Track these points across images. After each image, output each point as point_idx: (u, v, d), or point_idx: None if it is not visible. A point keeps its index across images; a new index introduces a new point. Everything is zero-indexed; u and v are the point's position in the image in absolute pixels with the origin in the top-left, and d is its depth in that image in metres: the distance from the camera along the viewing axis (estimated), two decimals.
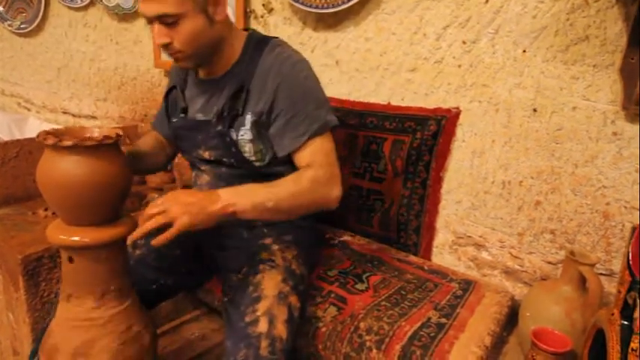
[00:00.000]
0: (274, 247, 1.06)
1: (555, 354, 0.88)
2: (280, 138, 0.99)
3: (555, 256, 1.18)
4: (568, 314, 0.97)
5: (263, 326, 0.88)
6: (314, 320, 1.05)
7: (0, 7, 2.52)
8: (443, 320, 1.04)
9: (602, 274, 1.10)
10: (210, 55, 1.00)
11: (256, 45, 1.02)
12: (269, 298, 0.93)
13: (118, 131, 0.85)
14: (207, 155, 1.07)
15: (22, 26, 2.49)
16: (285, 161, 1.02)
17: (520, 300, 1.16)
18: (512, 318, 1.13)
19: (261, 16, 1.69)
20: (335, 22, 1.50)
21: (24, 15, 2.48)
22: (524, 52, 1.15)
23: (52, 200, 0.81)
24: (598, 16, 1.04)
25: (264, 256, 1.04)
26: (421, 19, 1.31)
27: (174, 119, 1.13)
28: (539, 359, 0.89)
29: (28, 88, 2.73)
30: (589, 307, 0.95)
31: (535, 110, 1.16)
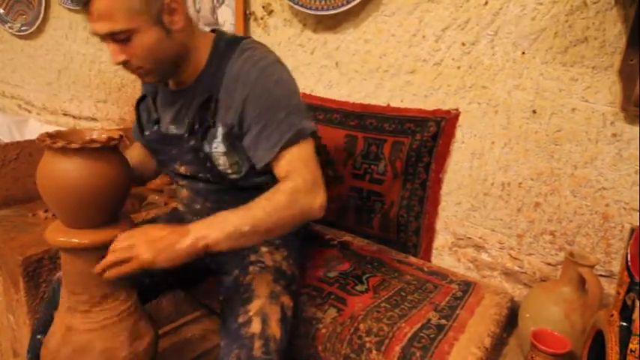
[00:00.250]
0: (263, 250, 1.06)
1: (555, 355, 0.88)
2: (254, 150, 0.93)
3: (555, 258, 1.18)
4: (567, 315, 0.97)
5: (256, 327, 0.88)
6: (314, 322, 1.05)
7: (0, 10, 2.52)
8: (443, 321, 1.04)
9: (601, 275, 1.10)
10: (175, 66, 0.94)
11: (224, 49, 0.95)
12: (261, 298, 0.92)
13: (118, 133, 0.85)
14: (183, 170, 1.03)
15: (22, 28, 2.49)
16: (264, 171, 0.97)
17: (520, 301, 1.17)
18: (511, 319, 1.13)
19: (261, 18, 1.70)
20: (335, 23, 1.50)
21: (24, 17, 2.48)
22: (523, 53, 1.16)
23: (52, 202, 0.81)
24: (597, 18, 1.04)
25: (252, 259, 1.03)
26: (420, 21, 1.31)
27: (147, 132, 1.08)
28: None
29: (28, 90, 2.73)
30: (588, 308, 0.95)
31: (534, 112, 1.16)
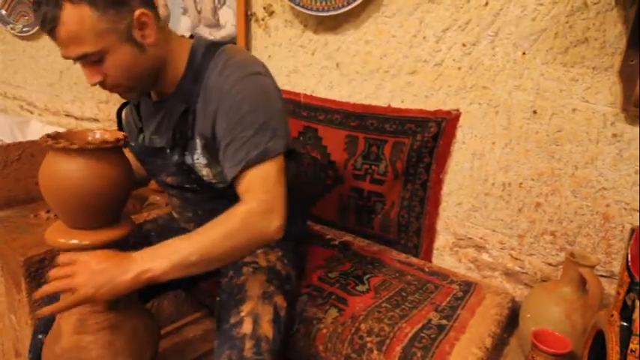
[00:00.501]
0: (257, 250, 1.05)
1: (555, 355, 0.88)
2: (223, 165, 0.91)
3: (555, 258, 1.19)
4: (568, 316, 0.97)
5: (247, 327, 0.87)
6: (315, 322, 1.05)
7: (2, 11, 2.53)
8: (443, 322, 1.04)
9: (602, 275, 1.10)
10: (154, 79, 0.92)
11: (202, 57, 0.92)
12: (253, 298, 0.92)
13: (120, 134, 0.85)
14: (170, 181, 1.03)
15: (24, 29, 2.50)
16: None
17: (520, 301, 1.17)
18: (512, 319, 1.14)
19: (262, 19, 1.70)
20: (335, 24, 1.50)
21: (26, 18, 2.49)
22: (523, 54, 1.16)
23: (54, 202, 0.81)
24: (597, 19, 1.04)
25: (247, 259, 1.03)
26: (421, 21, 1.31)
27: (132, 143, 1.07)
28: None
29: (30, 91, 2.74)
30: (589, 308, 0.95)
31: (535, 112, 1.16)
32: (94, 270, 0.76)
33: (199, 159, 0.95)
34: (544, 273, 1.21)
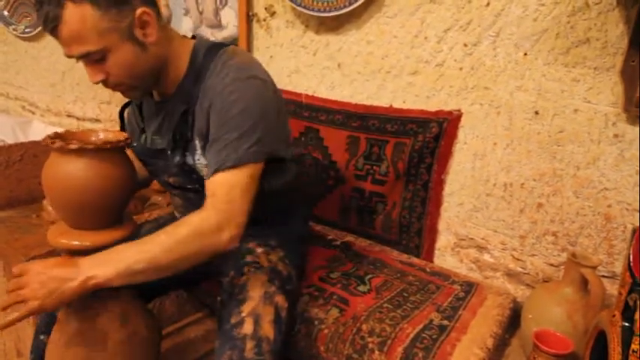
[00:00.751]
0: (259, 250, 1.06)
1: (557, 356, 0.88)
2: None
3: (557, 259, 1.18)
4: (570, 316, 0.97)
5: (248, 327, 0.87)
6: (316, 322, 1.05)
7: (5, 12, 2.53)
8: (445, 322, 1.04)
9: (604, 276, 1.10)
10: (156, 78, 0.93)
11: (203, 59, 0.93)
12: (254, 298, 0.92)
13: (122, 135, 0.86)
14: (172, 181, 1.04)
15: (26, 30, 2.51)
16: None
17: (522, 302, 1.17)
18: (514, 320, 1.13)
19: (264, 20, 1.70)
20: (337, 25, 1.51)
21: (28, 19, 2.49)
22: (525, 54, 1.16)
23: (57, 203, 0.81)
24: (599, 19, 1.04)
25: (248, 259, 1.03)
26: (422, 22, 1.32)
27: (134, 143, 1.08)
28: None
29: (32, 91, 2.74)
30: (591, 309, 0.95)
31: (536, 113, 1.16)
32: (41, 280, 0.75)
33: (200, 159, 0.95)
34: (546, 273, 1.21)
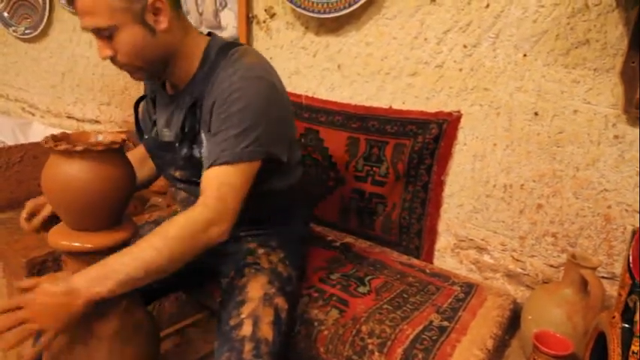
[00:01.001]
0: (260, 251, 1.06)
1: (557, 357, 0.88)
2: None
3: (557, 260, 1.18)
4: (570, 317, 0.97)
5: (247, 329, 0.88)
6: (316, 323, 1.05)
7: (5, 13, 2.53)
8: (445, 323, 1.04)
9: (603, 277, 1.10)
10: (164, 66, 0.94)
11: (215, 56, 0.95)
12: (254, 300, 0.93)
13: (122, 136, 0.86)
14: (178, 175, 1.04)
15: (26, 32, 2.51)
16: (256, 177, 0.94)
17: (522, 303, 1.17)
18: (514, 321, 1.13)
19: (264, 21, 1.70)
20: (337, 26, 1.51)
21: (28, 20, 2.50)
22: (525, 56, 1.16)
23: (57, 204, 0.82)
24: (598, 20, 1.04)
25: (249, 260, 1.03)
26: (422, 23, 1.32)
27: (146, 136, 1.09)
28: None
29: (32, 93, 2.74)
30: (590, 310, 0.95)
31: (536, 114, 1.16)
32: (45, 305, 0.74)
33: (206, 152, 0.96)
34: (545, 274, 1.21)
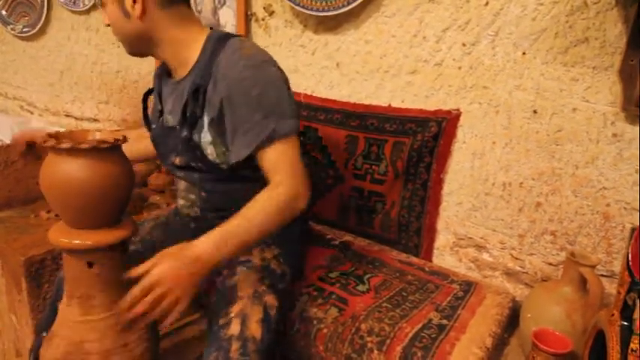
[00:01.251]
0: (253, 247, 1.06)
1: (556, 355, 0.88)
2: (231, 145, 0.97)
3: (556, 258, 1.19)
4: (569, 315, 0.97)
5: (235, 328, 0.88)
6: (315, 322, 1.05)
7: (3, 11, 2.53)
8: (444, 321, 1.04)
9: (602, 275, 1.10)
10: (145, 48, 1.01)
11: (214, 45, 0.98)
12: (243, 299, 0.93)
13: (121, 134, 0.85)
14: (178, 161, 1.06)
15: (24, 30, 2.50)
16: (249, 165, 0.97)
17: (521, 301, 1.17)
18: (513, 319, 1.13)
19: (262, 19, 1.70)
20: (335, 24, 1.51)
21: (26, 19, 2.49)
22: (524, 54, 1.16)
23: (56, 203, 0.81)
24: (597, 18, 1.04)
25: (242, 258, 1.03)
26: (421, 21, 1.32)
27: (153, 125, 1.14)
28: None
29: (30, 91, 2.74)
30: (590, 308, 0.95)
31: (535, 112, 1.16)
32: (177, 275, 0.79)
33: (205, 137, 0.99)
34: (544, 273, 1.21)
